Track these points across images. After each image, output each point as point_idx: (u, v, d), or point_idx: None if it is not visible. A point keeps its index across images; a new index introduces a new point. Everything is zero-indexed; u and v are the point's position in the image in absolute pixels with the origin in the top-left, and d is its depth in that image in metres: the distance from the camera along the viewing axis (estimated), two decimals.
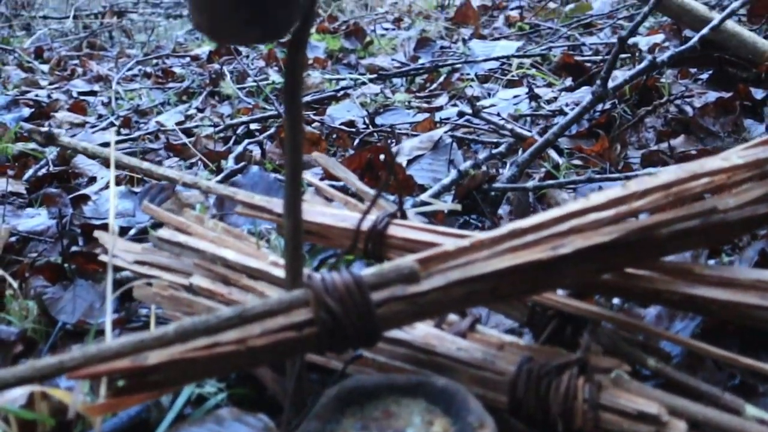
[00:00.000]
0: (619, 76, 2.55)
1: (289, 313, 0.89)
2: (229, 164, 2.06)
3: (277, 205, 1.29)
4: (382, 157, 1.90)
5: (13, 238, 1.70)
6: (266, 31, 0.85)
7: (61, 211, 1.74)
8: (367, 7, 6.17)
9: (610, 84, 1.97)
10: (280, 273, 1.12)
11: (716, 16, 2.57)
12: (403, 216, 1.26)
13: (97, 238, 1.34)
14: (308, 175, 1.44)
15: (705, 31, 1.95)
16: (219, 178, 1.93)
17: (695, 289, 1.02)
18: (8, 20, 6.21)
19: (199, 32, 0.89)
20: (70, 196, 1.89)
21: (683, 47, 1.92)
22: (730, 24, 2.56)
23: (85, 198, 1.90)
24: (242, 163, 2.00)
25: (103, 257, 1.28)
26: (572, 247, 0.97)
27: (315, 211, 1.27)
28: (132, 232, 1.70)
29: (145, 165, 1.39)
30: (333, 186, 1.61)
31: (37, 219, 1.81)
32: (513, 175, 1.75)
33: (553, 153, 2.02)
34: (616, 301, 1.27)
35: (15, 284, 1.40)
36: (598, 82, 1.82)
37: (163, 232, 1.25)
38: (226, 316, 0.85)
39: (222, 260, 1.17)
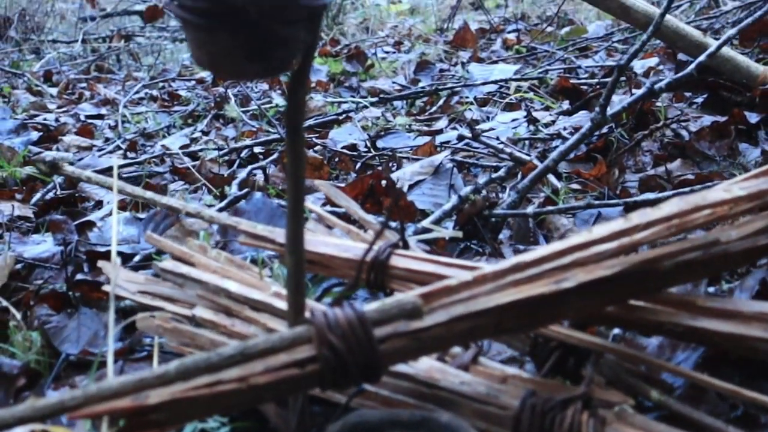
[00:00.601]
0: (617, 101, 2.53)
1: (292, 350, 0.86)
2: (233, 190, 2.03)
3: (279, 235, 1.26)
4: (383, 182, 1.87)
5: (18, 265, 1.67)
6: (267, 68, 0.83)
7: (66, 238, 1.71)
8: (368, 30, 6.15)
9: (609, 111, 1.95)
10: (282, 305, 1.09)
11: (710, 41, 2.55)
12: (405, 245, 1.23)
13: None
14: (311, 203, 1.41)
15: (702, 58, 1.92)
16: (222, 204, 1.90)
17: (698, 321, 1.00)
18: (18, 44, 6.19)
19: (199, 67, 0.87)
20: (76, 222, 1.86)
21: (681, 74, 1.89)
22: (725, 49, 2.53)
23: (91, 224, 1.87)
24: (246, 190, 1.97)
25: (106, 287, 1.25)
26: (575, 281, 0.94)
27: (317, 240, 1.24)
28: (136, 258, 1.67)
29: (149, 194, 1.36)
30: (335, 212, 1.59)
31: (43, 246, 1.78)
32: (513, 201, 1.72)
33: (552, 177, 1.99)
34: (616, 330, 1.24)
35: (18, 315, 1.37)
36: (597, 109, 1.79)
37: (167, 264, 1.22)
38: (228, 353, 0.82)
39: (225, 292, 1.14)
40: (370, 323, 0.87)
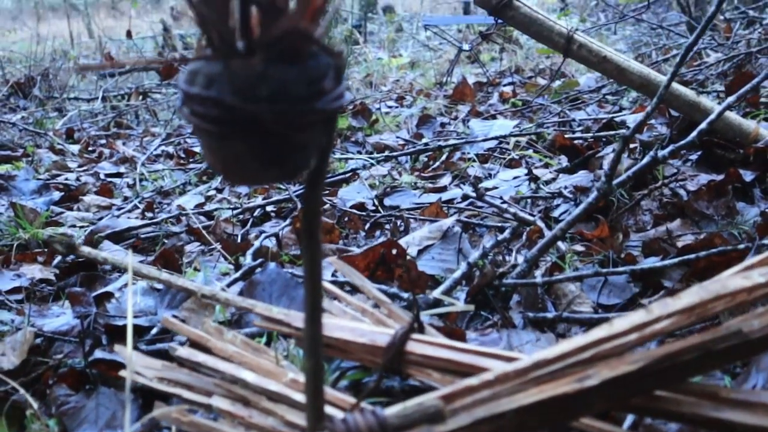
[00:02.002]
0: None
1: None
2: (247, 260, 1.95)
3: (295, 318, 1.18)
4: (394, 250, 1.79)
5: (38, 339, 1.60)
6: (282, 174, 0.75)
7: (85, 311, 1.63)
8: (372, 84, 6.10)
9: (608, 168, 1.88)
10: (299, 396, 1.01)
11: (704, 101, 2.48)
12: (420, 328, 1.16)
13: (120, 339, 1.25)
14: (326, 281, 1.33)
15: (703, 125, 1.85)
16: (237, 275, 1.82)
17: (721, 411, 0.92)
18: (42, 103, 6.14)
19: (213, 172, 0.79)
20: (94, 294, 1.78)
21: (683, 142, 1.83)
22: (717, 108, 2.47)
23: (109, 295, 1.79)
24: (260, 260, 1.89)
25: (123, 373, 1.17)
26: (598, 378, 0.87)
27: (333, 324, 1.17)
28: (153, 331, 1.59)
29: (164, 275, 1.29)
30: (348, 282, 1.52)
31: (62, 318, 1.70)
32: (523, 270, 1.64)
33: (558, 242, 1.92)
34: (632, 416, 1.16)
35: (35, 405, 1.29)
36: (603, 178, 1.72)
37: (182, 351, 1.15)
38: None
39: (242, 382, 1.06)
40: (392, 430, 0.80)
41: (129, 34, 9.09)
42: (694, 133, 1.85)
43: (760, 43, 4.96)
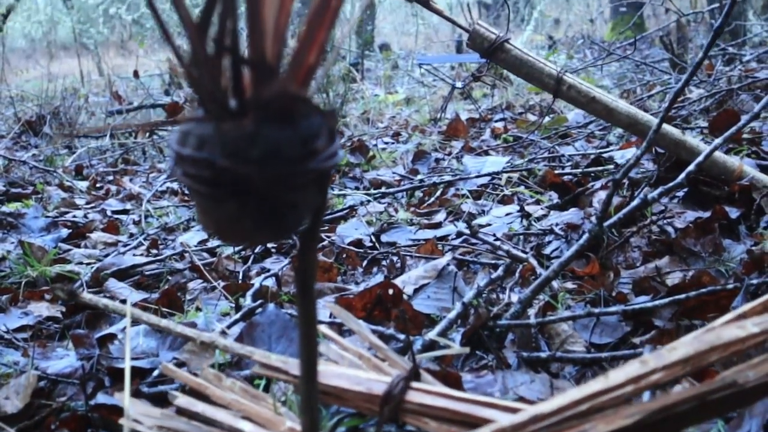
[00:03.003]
0: (602, 194, 2.43)
1: None
2: (248, 302, 1.91)
3: (292, 366, 1.14)
4: (390, 291, 1.76)
5: (42, 382, 1.55)
6: (276, 233, 0.72)
7: (87, 354, 1.59)
8: (369, 121, 6.08)
9: (598, 208, 1.85)
10: None
11: (689, 139, 2.45)
12: (417, 374, 1.12)
13: (122, 381, 1.20)
14: (324, 326, 1.29)
15: (691, 167, 1.82)
16: (237, 316, 1.78)
17: None
18: (53, 141, 6.11)
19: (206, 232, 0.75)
20: (97, 335, 1.74)
21: (672, 184, 1.79)
22: (703, 145, 2.44)
23: (112, 337, 1.75)
24: (259, 301, 1.85)
25: (122, 421, 1.13)
26: None
27: (330, 372, 1.13)
28: (155, 373, 1.54)
29: (164, 322, 1.25)
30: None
31: (66, 360, 1.66)
32: (516, 311, 1.60)
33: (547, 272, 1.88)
34: None
35: None
36: (594, 220, 1.68)
37: (181, 401, 1.11)
38: None
39: None
40: None
41: (136, 74, 9.08)
42: (682, 175, 1.81)
43: (740, 80, 4.96)
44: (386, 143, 5.04)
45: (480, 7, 18.98)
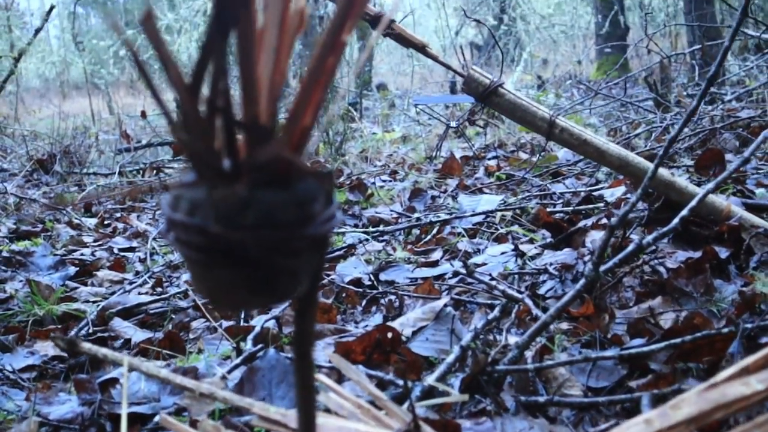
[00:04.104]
0: (597, 237, 2.38)
1: None
2: (248, 346, 1.84)
3: (291, 419, 1.08)
4: (389, 335, 1.69)
5: (44, 429, 1.49)
6: (271, 299, 0.66)
7: (89, 399, 1.52)
8: (367, 159, 6.03)
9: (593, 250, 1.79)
10: None
11: (678, 180, 2.40)
12: (416, 426, 1.06)
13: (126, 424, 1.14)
14: (322, 375, 1.23)
15: (684, 212, 1.77)
16: (238, 361, 1.72)
17: None
18: (63, 178, 6.06)
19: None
20: (99, 380, 1.67)
21: (666, 229, 1.74)
22: (691, 186, 2.39)
23: (114, 381, 1.68)
24: (260, 346, 1.78)
25: None
26: None
27: (329, 425, 1.07)
28: (156, 419, 1.48)
29: (164, 372, 1.19)
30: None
31: (68, 405, 1.59)
32: (514, 356, 1.54)
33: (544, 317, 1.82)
34: None
35: None
36: (590, 265, 1.62)
37: None
38: None
39: None
40: None
41: (143, 114, 9.06)
42: (676, 220, 1.76)
43: (722, 119, 4.93)
44: (384, 181, 5.00)
45: (472, 48, 19.03)
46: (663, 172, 2.41)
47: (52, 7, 7.97)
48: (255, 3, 0.59)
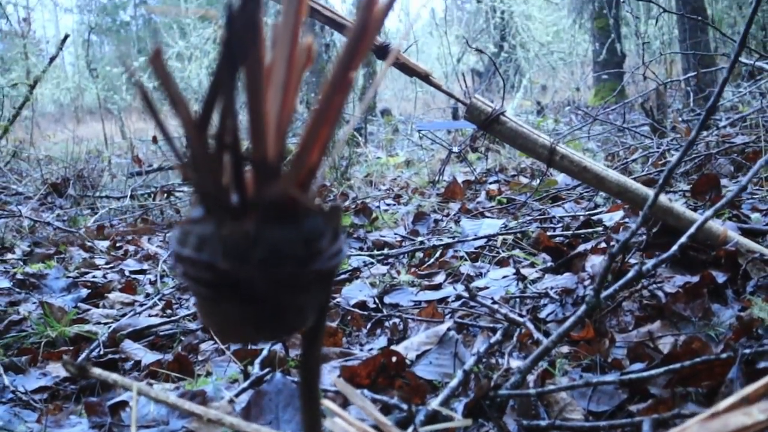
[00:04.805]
0: (597, 262, 2.36)
1: None
2: (255, 370, 1.83)
3: None
4: (394, 359, 1.68)
5: None
6: (278, 334, 0.65)
7: (99, 422, 1.51)
8: (372, 183, 6.03)
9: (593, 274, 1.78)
10: None
11: (675, 206, 2.39)
12: None
13: None
14: (328, 401, 1.21)
15: (683, 239, 1.75)
16: (245, 384, 1.70)
17: None
18: (77, 202, 6.06)
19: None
20: (110, 402, 1.66)
21: (665, 256, 1.72)
22: (689, 212, 2.38)
23: (124, 404, 1.67)
24: (267, 369, 1.77)
25: None
26: None
27: None
28: None
29: (172, 398, 1.17)
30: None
31: (78, 428, 1.58)
32: (516, 381, 1.52)
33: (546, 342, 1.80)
34: None
35: None
36: (591, 293, 1.61)
37: None
38: None
39: None
40: None
41: (155, 140, 9.07)
42: (675, 247, 1.74)
43: (718, 144, 4.92)
44: (388, 205, 4.99)
45: (473, 75, 19.07)
46: (662, 199, 2.39)
47: (66, 36, 8.02)
48: (264, 40, 0.58)
